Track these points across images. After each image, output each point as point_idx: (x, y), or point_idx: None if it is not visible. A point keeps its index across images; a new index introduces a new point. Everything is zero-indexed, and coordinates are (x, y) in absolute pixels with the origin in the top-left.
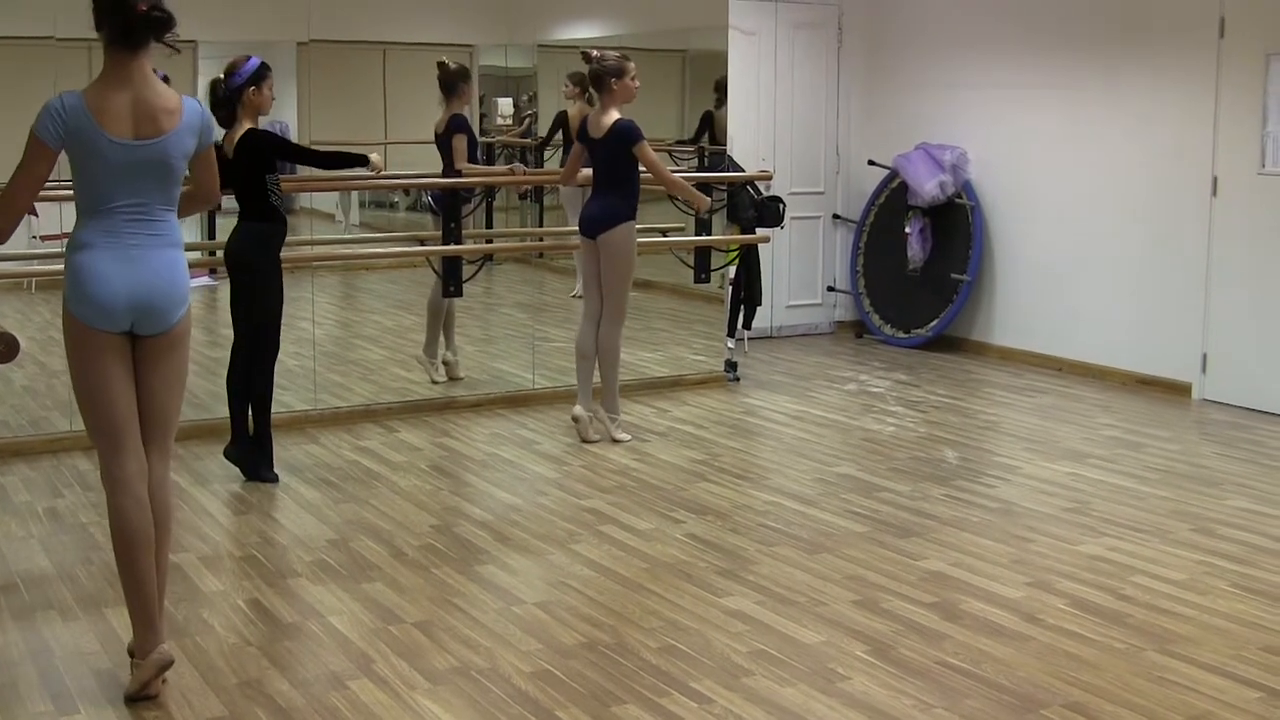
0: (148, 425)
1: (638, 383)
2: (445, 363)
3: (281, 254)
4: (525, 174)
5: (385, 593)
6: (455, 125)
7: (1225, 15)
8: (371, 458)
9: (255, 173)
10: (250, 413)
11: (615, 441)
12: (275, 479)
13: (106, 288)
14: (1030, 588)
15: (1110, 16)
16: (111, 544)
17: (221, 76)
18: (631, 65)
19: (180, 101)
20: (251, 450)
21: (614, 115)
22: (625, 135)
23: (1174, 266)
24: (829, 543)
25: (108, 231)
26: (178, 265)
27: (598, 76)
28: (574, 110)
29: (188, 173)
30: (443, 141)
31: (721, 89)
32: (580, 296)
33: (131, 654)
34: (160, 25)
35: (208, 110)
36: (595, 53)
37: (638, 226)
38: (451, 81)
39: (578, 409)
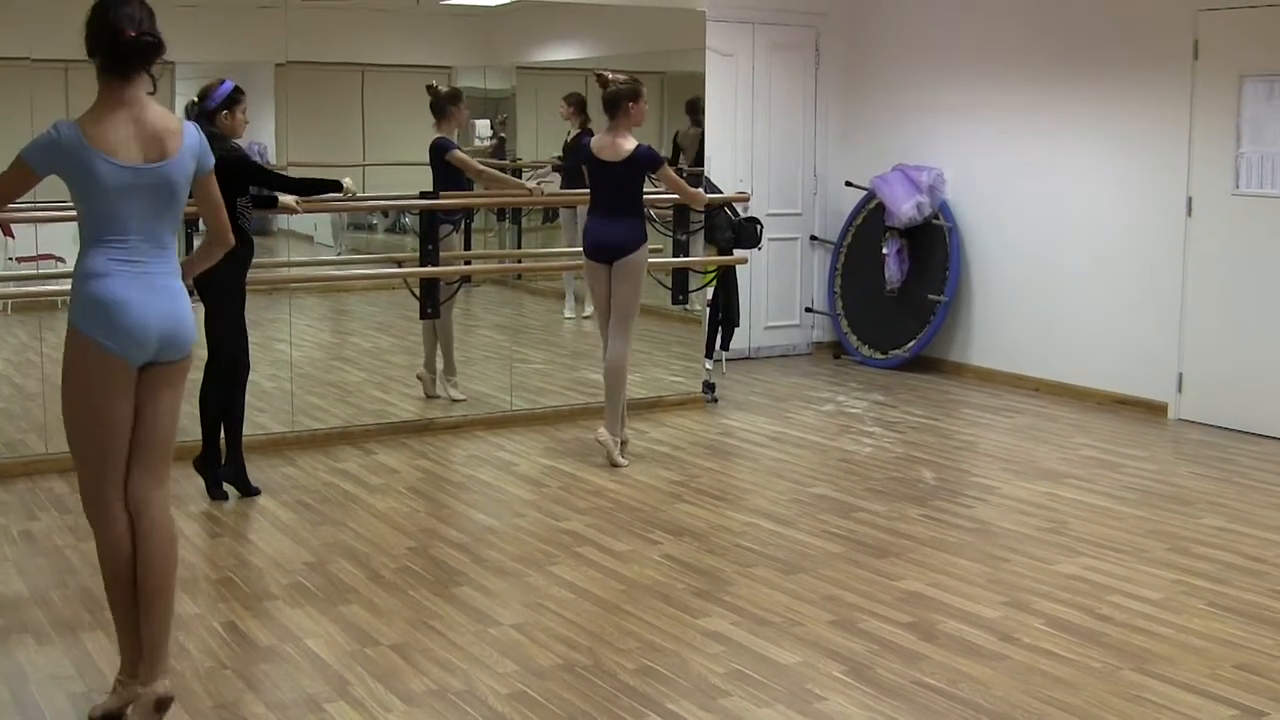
0: (149, 450)
1: None
2: (420, 378)
3: (249, 275)
4: (544, 195)
5: (362, 615)
6: (441, 146)
7: (1199, 38)
8: (349, 480)
9: (226, 195)
10: (223, 431)
11: (614, 465)
12: (257, 491)
13: (137, 317)
14: (1007, 607)
15: (1085, 39)
16: (107, 579)
17: (195, 100)
18: (644, 88)
19: (181, 123)
20: (231, 465)
21: (630, 139)
22: (650, 160)
23: (1149, 287)
24: (806, 563)
25: (122, 259)
26: (185, 293)
27: (615, 99)
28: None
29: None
30: (434, 164)
31: (693, 110)
32: (590, 317)
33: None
34: (150, 50)
35: (203, 135)
36: (610, 75)
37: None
38: (440, 105)
39: (603, 432)
